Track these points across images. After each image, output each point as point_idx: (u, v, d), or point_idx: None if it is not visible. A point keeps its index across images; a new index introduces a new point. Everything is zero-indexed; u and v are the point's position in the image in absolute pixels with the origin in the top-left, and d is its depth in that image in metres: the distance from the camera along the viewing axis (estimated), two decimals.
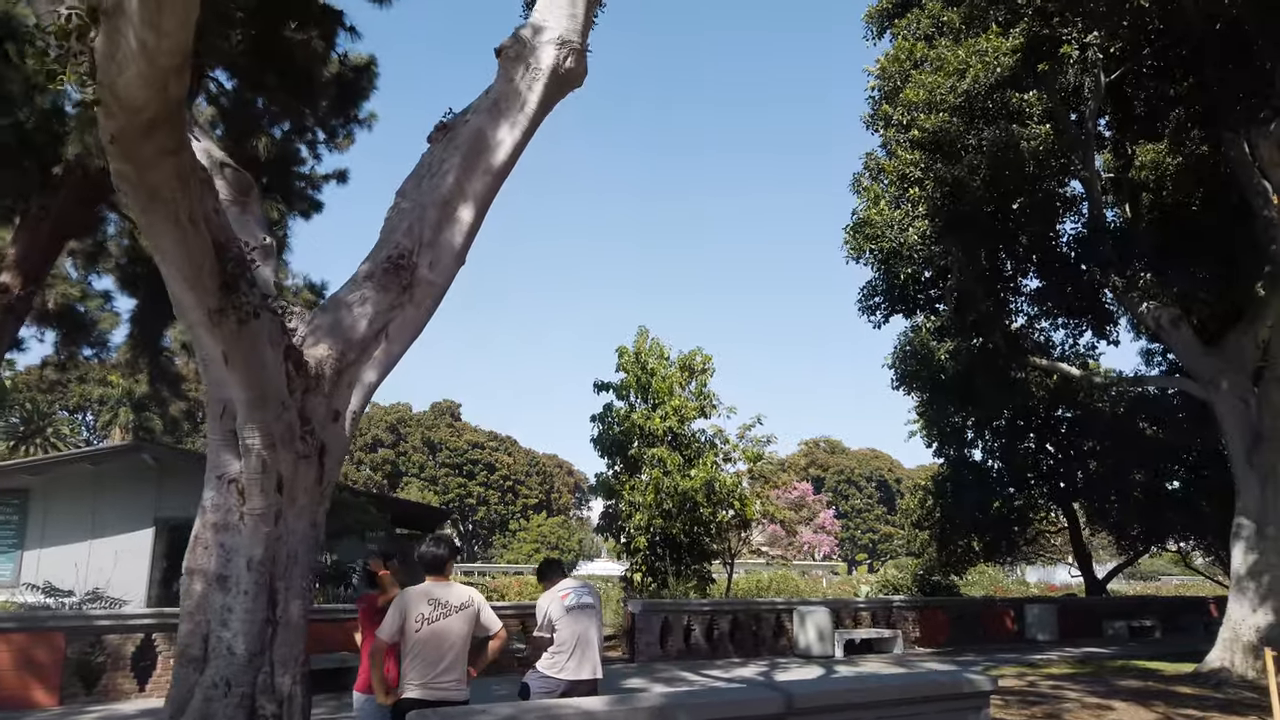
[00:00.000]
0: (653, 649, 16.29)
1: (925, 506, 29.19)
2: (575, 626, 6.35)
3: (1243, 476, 16.15)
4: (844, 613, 19.78)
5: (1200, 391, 16.80)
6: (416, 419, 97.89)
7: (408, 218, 7.41)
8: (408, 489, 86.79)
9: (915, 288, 17.25)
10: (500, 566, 66.34)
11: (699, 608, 17.36)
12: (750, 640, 17.95)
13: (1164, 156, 17.23)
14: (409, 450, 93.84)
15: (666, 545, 23.39)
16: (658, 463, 23.17)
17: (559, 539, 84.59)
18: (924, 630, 20.81)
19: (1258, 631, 15.32)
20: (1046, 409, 26.96)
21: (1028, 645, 21.90)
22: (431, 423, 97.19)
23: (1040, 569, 63.80)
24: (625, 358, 24.54)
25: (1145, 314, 17.17)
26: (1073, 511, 29.67)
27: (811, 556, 69.48)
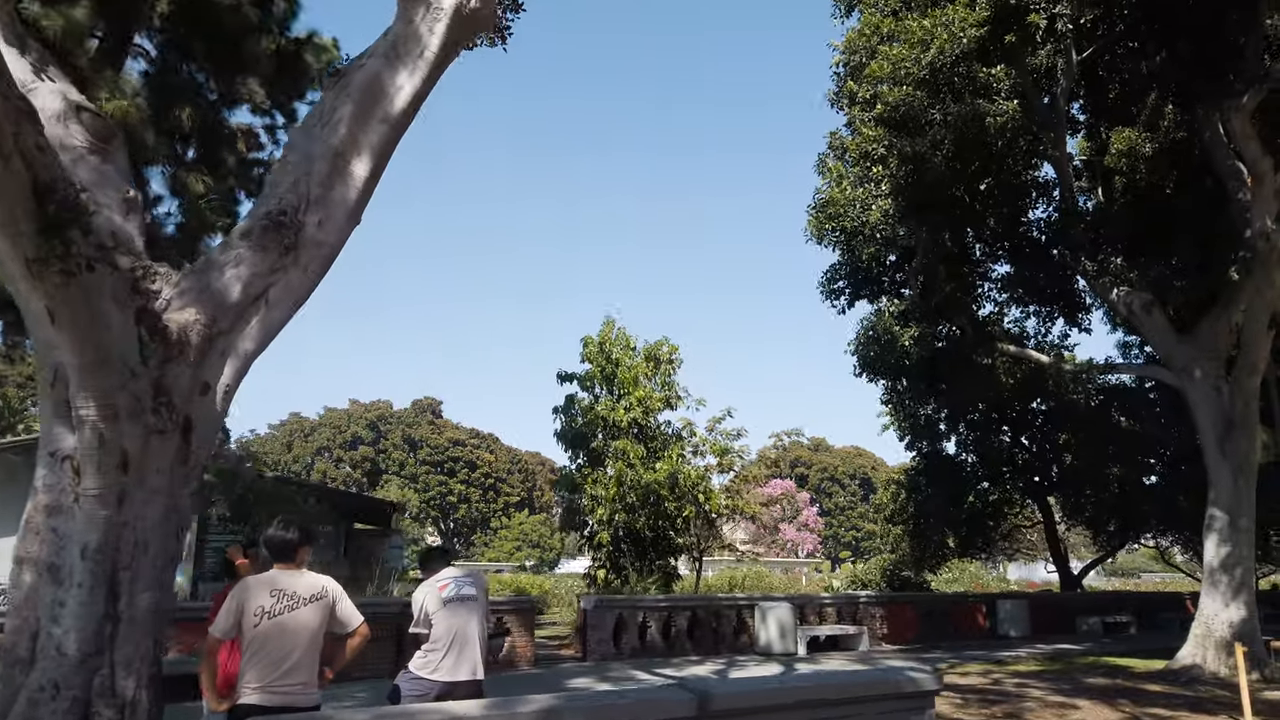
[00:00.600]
0: (605, 647, 15.64)
1: (898, 501, 28.68)
2: (453, 621, 5.64)
3: (1215, 467, 15.64)
4: (808, 609, 19.19)
5: (1173, 379, 16.29)
6: (397, 416, 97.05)
7: (293, 172, 6.68)
8: (387, 487, 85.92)
9: (879, 270, 16.65)
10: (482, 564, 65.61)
11: (655, 604, 16.72)
12: (710, 638, 17.34)
13: (1138, 141, 16.75)
14: (389, 448, 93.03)
15: (630, 540, 22.77)
16: (621, 455, 22.55)
17: (540, 537, 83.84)
18: (892, 627, 20.26)
19: (1230, 627, 14.82)
20: (1020, 401, 26.48)
21: (998, 642, 21.38)
22: (412, 420, 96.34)
23: (1022, 566, 63.56)
24: (590, 348, 23.88)
25: (1117, 300, 16.64)
26: (1048, 506, 29.24)
27: (795, 554, 69.10)
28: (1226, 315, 15.79)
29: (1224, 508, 15.33)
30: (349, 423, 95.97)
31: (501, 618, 14.42)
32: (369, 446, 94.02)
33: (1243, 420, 15.32)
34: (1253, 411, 15.44)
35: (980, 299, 17.63)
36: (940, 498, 27.42)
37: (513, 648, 14.35)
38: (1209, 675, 14.38)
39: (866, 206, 15.39)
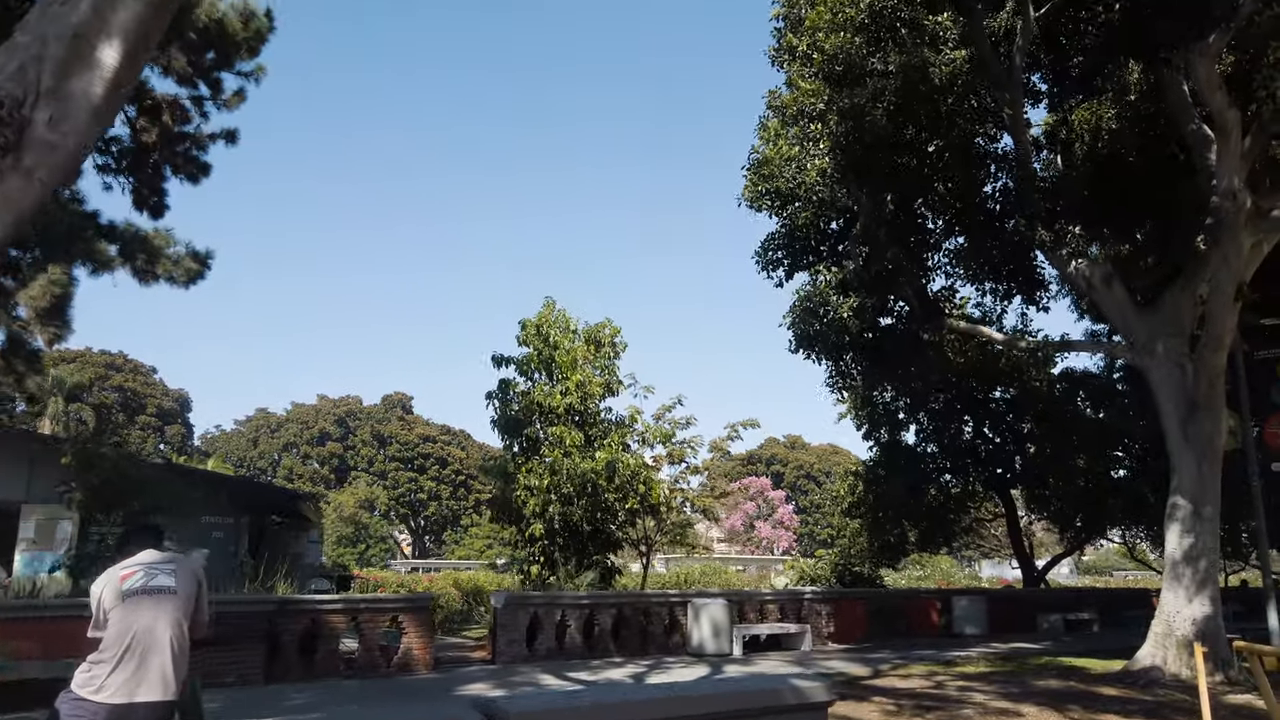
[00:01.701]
0: (517, 649, 14.27)
1: (856, 493, 27.46)
2: (131, 620, 4.09)
3: (1178, 451, 14.48)
4: (748, 606, 17.90)
5: (1133, 357, 15.12)
6: (367, 412, 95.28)
7: (20, 55, 5.23)
8: (355, 483, 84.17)
9: (817, 238, 15.36)
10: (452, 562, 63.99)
11: (576, 601, 15.36)
12: (637, 637, 16.01)
13: (1100, 109, 15.63)
14: (358, 444, 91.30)
15: (566, 533, 21.41)
16: (558, 443, 21.18)
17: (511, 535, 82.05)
18: (839, 625, 19.01)
19: (1193, 624, 13.65)
20: (978, 385, 25.32)
21: (952, 640, 20.20)
22: (382, 416, 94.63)
23: (994, 564, 62.66)
24: (528, 330, 22.48)
25: (1075, 274, 15.44)
26: (1010, 499, 28.13)
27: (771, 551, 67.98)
28: (1190, 288, 14.61)
29: (1187, 495, 14.17)
30: (317, 418, 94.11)
31: (396, 617, 13.03)
32: (337, 443, 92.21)
33: (1207, 401, 14.16)
34: (1218, 391, 14.29)
35: (930, 272, 16.37)
36: (899, 489, 26.22)
37: (408, 651, 12.96)
38: (1169, 677, 13.21)
39: (803, 166, 14.10)
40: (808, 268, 15.33)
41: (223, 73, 19.03)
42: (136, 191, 18.39)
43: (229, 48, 18.25)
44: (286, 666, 11.86)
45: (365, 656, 12.59)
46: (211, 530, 16.90)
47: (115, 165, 18.91)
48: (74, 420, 71.70)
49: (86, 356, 76.13)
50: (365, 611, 12.66)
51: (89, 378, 72.12)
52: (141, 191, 18.57)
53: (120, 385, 77.65)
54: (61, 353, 74.39)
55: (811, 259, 15.26)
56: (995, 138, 16.62)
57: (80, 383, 69.42)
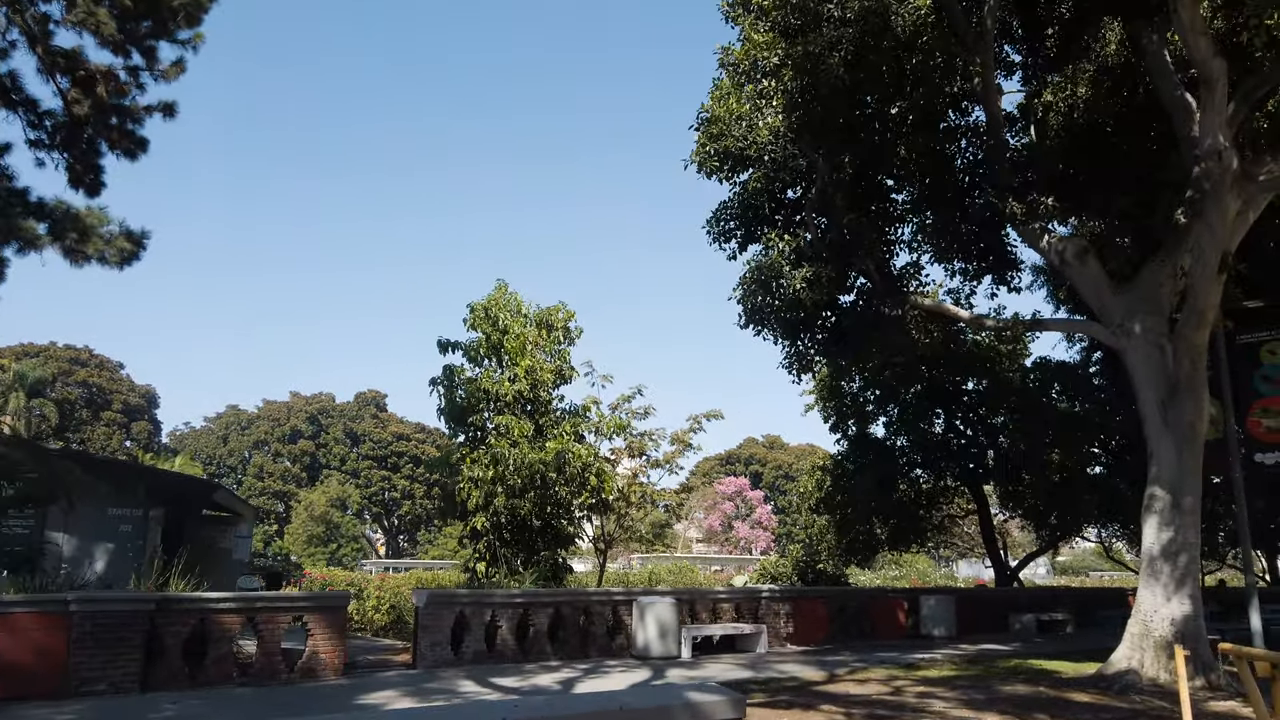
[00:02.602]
0: (441, 652, 13.02)
1: (823, 489, 26.37)
2: None
3: (1156, 437, 13.45)
4: (700, 605, 16.73)
5: (1109, 337, 14.05)
6: (339, 409, 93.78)
7: None
8: (327, 482, 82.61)
9: (772, 205, 14.23)
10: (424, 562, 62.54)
11: (508, 600, 14.12)
12: (577, 639, 14.81)
13: (1077, 80, 14.63)
14: (329, 442, 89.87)
15: (513, 528, 20.19)
16: (505, 432, 19.94)
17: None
18: (799, 625, 17.88)
19: (1172, 625, 12.61)
20: (947, 372, 24.29)
21: (919, 642, 19.13)
22: (355, 413, 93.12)
23: (971, 563, 61.78)
24: (476, 313, 21.21)
25: (1048, 248, 14.39)
26: (982, 494, 27.13)
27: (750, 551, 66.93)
28: (1171, 260, 13.57)
29: (1166, 485, 13.14)
30: (289, 416, 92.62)
31: (300, 617, 11.78)
32: (309, 440, 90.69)
33: (1189, 383, 13.13)
34: (1200, 373, 13.25)
35: (893, 245, 15.27)
36: (868, 485, 25.18)
37: (314, 655, 11.70)
38: (1146, 682, 12.16)
39: (754, 125, 12.96)
40: (763, 239, 14.13)
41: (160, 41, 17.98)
42: (71, 168, 17.53)
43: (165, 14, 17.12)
44: (170, 673, 10.59)
45: (264, 661, 11.32)
46: (118, 523, 15.57)
47: (49, 140, 17.80)
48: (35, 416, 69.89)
49: (51, 351, 74.42)
50: (263, 611, 11.39)
51: (52, 373, 70.28)
52: (76, 168, 17.58)
53: (85, 380, 75.97)
54: (25, 346, 72.73)
55: (766, 229, 14.09)
56: (965, 110, 15.61)
57: (43, 377, 67.72)
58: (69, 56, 17.33)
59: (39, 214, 16.97)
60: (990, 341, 24.21)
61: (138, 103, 18.11)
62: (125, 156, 17.89)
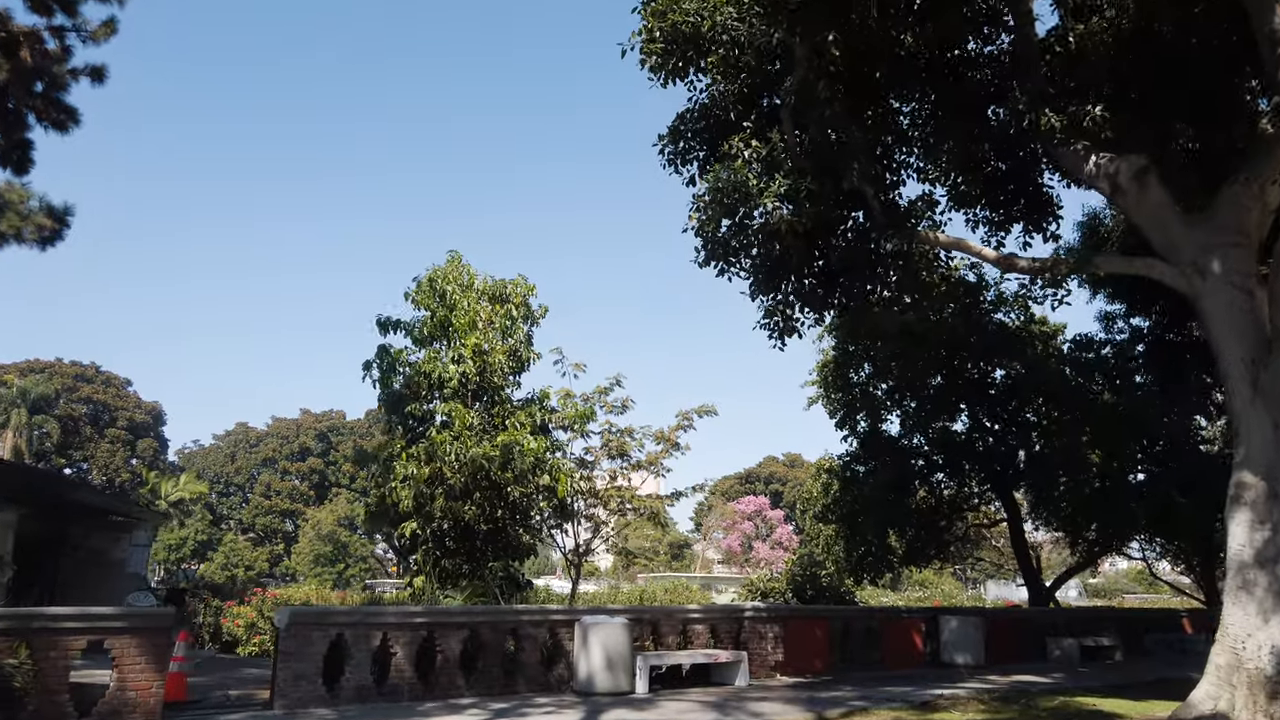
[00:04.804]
0: (308, 688, 10.01)
1: (830, 494, 23.15)
2: None
3: (1244, 409, 10.28)
4: (665, 627, 13.59)
5: (1179, 279, 10.89)
6: (350, 426, 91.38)
7: None
8: (336, 500, 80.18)
9: (738, 109, 11.26)
10: None
11: (405, 619, 11.07)
12: (500, 669, 11.73)
13: None
14: (339, 460, 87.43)
15: (457, 537, 17.21)
16: (446, 423, 17.01)
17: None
18: (791, 651, 14.71)
19: (1273, 654, 9.43)
20: (977, 365, 21.14)
21: (939, 672, 15.88)
22: (365, 431, 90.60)
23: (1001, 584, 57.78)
24: (422, 288, 18.33)
25: (1096, 172, 11.32)
26: (1013, 501, 23.76)
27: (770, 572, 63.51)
28: (1258, 178, 10.45)
29: (1259, 470, 9.97)
30: (298, 433, 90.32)
31: (102, 642, 8.85)
32: (318, 458, 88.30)
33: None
34: None
35: (899, 170, 12.24)
36: (880, 489, 21.96)
37: (121, 692, 8.76)
38: None
39: None
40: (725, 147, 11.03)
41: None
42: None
43: None
44: None
45: (43, 702, 8.38)
46: None
47: None
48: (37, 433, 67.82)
49: (56, 367, 72.81)
50: (41, 634, 8.46)
51: (56, 389, 68.43)
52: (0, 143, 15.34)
53: (90, 397, 74.25)
54: (31, 363, 71.03)
55: (730, 142, 10.99)
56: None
57: (46, 394, 65.88)
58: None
59: None
60: (1021, 322, 21.07)
61: (63, 67, 16.01)
62: (55, 129, 16.03)
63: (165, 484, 65.22)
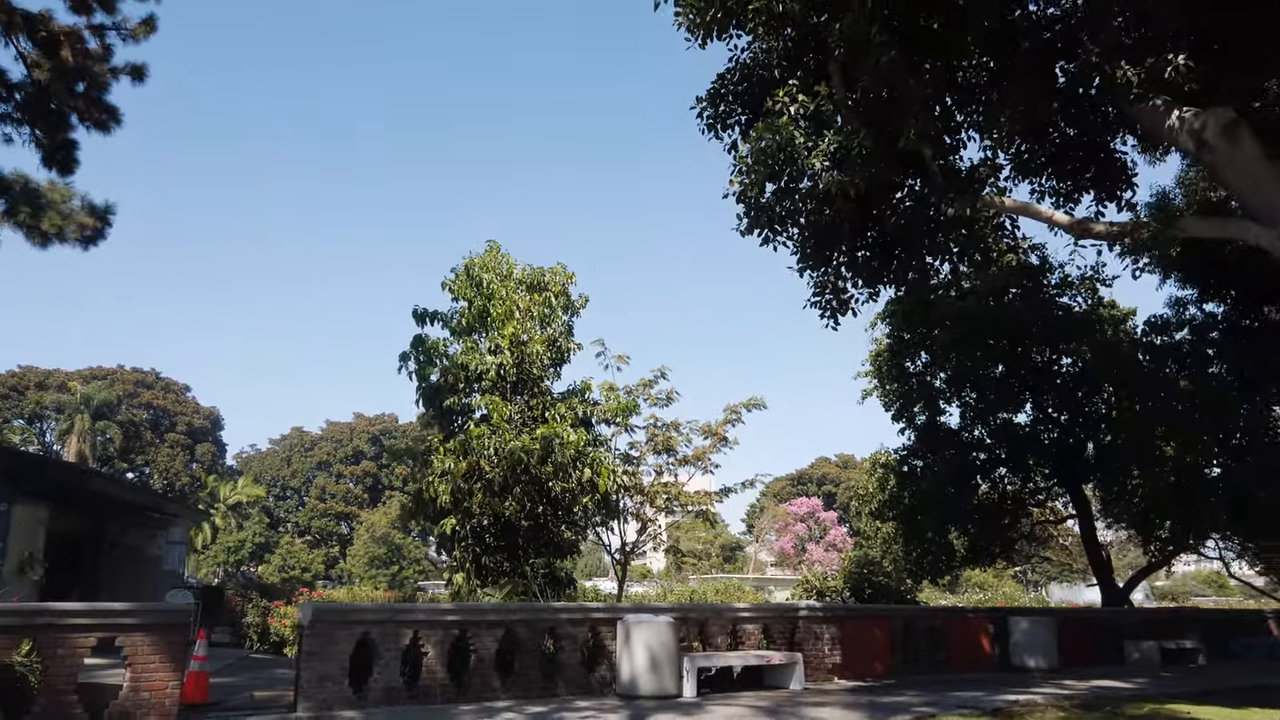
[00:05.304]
0: (334, 689, 9.45)
1: (887, 490, 22.12)
2: None
3: None
4: (714, 626, 12.81)
5: (1275, 243, 9.87)
6: (402, 430, 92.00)
7: None
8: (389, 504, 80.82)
9: (781, 65, 10.47)
10: None
11: (436, 618, 10.48)
12: (538, 670, 11.07)
13: None
14: (392, 463, 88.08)
15: (498, 534, 16.62)
16: (484, 416, 16.46)
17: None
18: (850, 653, 13.84)
19: None
20: (1043, 351, 19.99)
21: (1009, 676, 14.86)
22: (418, 434, 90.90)
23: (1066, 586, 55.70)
24: (459, 278, 17.80)
25: (1178, 128, 10.32)
26: (1083, 496, 22.48)
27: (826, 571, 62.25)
28: None
29: None
30: (351, 437, 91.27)
31: (114, 640, 8.37)
32: (371, 461, 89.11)
33: None
34: None
35: (958, 131, 11.30)
36: (940, 485, 20.90)
37: (135, 693, 8.28)
38: None
39: None
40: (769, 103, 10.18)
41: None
42: (41, 144, 14.67)
43: None
44: None
45: (50, 702, 7.92)
46: None
47: (17, 115, 15.80)
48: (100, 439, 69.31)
49: (118, 374, 74.45)
50: (47, 630, 8.00)
51: (118, 395, 69.90)
52: (45, 143, 14.76)
53: (150, 403, 75.86)
54: (94, 370, 72.70)
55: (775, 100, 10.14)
56: None
57: (108, 400, 67.32)
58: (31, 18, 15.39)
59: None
60: (1088, 305, 19.88)
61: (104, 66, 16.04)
62: (97, 129, 16.14)
63: (224, 487, 66.27)
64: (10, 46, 15.12)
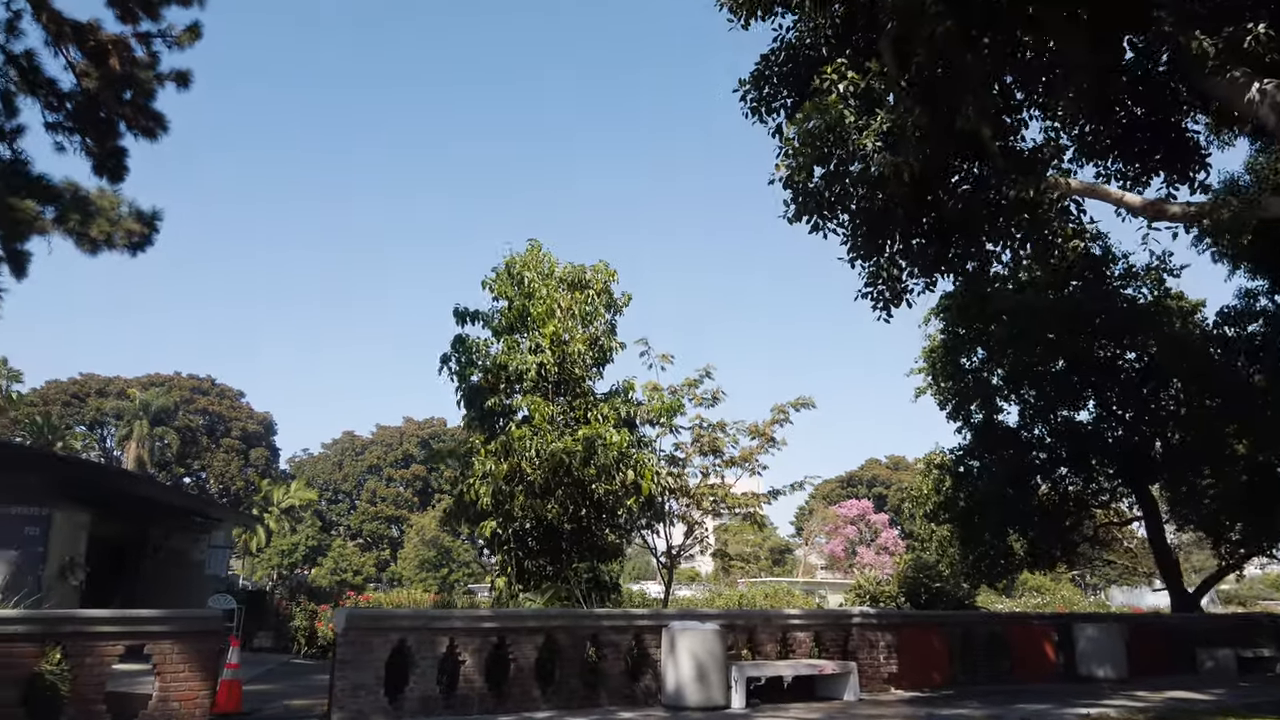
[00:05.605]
0: (370, 699, 9.14)
1: (942, 491, 21.35)
2: None
3: None
4: (762, 633, 12.29)
5: None
6: (451, 434, 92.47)
7: None
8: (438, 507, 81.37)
9: (829, 42, 9.93)
10: None
11: (473, 625, 10.13)
12: (579, 680, 10.67)
13: None
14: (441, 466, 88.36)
15: (540, 537, 16.29)
16: (525, 418, 16.14)
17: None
18: (907, 662, 13.23)
19: None
20: (1107, 345, 19.10)
21: (1076, 686, 14.10)
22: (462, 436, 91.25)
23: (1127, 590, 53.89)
24: (500, 277, 17.52)
25: (1259, 99, 9.61)
26: (1150, 497, 21.51)
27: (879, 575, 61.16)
28: None
29: None
30: (401, 441, 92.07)
31: (143, 647, 8.16)
32: (420, 465, 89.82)
33: None
34: None
35: (1017, 110, 10.63)
36: (998, 485, 20.12)
37: (164, 702, 8.05)
38: None
39: None
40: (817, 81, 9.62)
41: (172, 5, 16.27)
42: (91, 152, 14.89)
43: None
44: None
45: (78, 712, 7.72)
46: (23, 525, 12.50)
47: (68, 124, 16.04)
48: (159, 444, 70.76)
49: (175, 381, 75.96)
50: (75, 638, 7.80)
51: (175, 401, 71.37)
52: (95, 151, 14.94)
53: (205, 409, 77.28)
54: (151, 377, 74.33)
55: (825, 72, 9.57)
56: None
57: (166, 406, 68.77)
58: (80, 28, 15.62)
59: (43, 195, 15.06)
60: (1154, 296, 18.98)
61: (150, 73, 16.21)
62: (144, 136, 16.40)
63: (277, 491, 67.20)
64: (60, 56, 15.28)
